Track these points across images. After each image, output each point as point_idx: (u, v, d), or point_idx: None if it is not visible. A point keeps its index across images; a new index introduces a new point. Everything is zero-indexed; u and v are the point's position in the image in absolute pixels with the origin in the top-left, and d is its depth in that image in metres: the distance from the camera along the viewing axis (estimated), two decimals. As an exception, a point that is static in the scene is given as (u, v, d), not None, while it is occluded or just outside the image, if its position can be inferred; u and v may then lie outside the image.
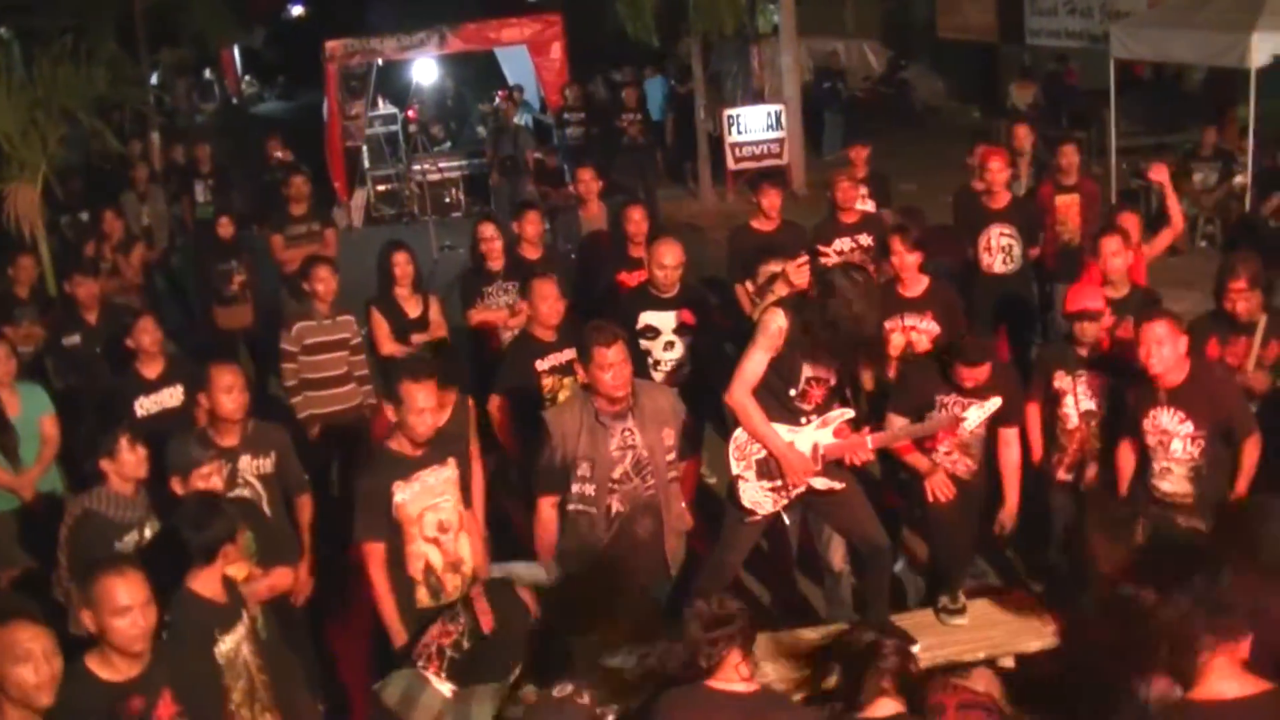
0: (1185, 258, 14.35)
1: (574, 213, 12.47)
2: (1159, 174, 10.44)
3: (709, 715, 4.85)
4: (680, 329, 9.02)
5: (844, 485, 7.28)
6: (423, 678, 5.92)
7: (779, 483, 7.15)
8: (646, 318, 9.04)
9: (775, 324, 6.94)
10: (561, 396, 8.42)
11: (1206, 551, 4.55)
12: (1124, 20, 19.38)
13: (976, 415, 7.44)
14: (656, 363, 9.01)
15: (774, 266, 8.66)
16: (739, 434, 7.14)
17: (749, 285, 9.10)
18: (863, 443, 7.22)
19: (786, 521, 7.75)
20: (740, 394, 7.00)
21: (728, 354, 8.50)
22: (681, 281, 9.15)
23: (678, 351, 9.02)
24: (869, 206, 12.38)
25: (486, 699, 5.83)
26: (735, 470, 7.19)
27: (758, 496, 7.19)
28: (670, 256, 9.03)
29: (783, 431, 7.07)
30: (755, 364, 6.98)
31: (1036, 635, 7.31)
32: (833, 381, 7.12)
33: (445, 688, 5.86)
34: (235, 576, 6.34)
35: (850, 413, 7.30)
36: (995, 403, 7.44)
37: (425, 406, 6.65)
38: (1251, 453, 7.38)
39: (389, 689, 5.93)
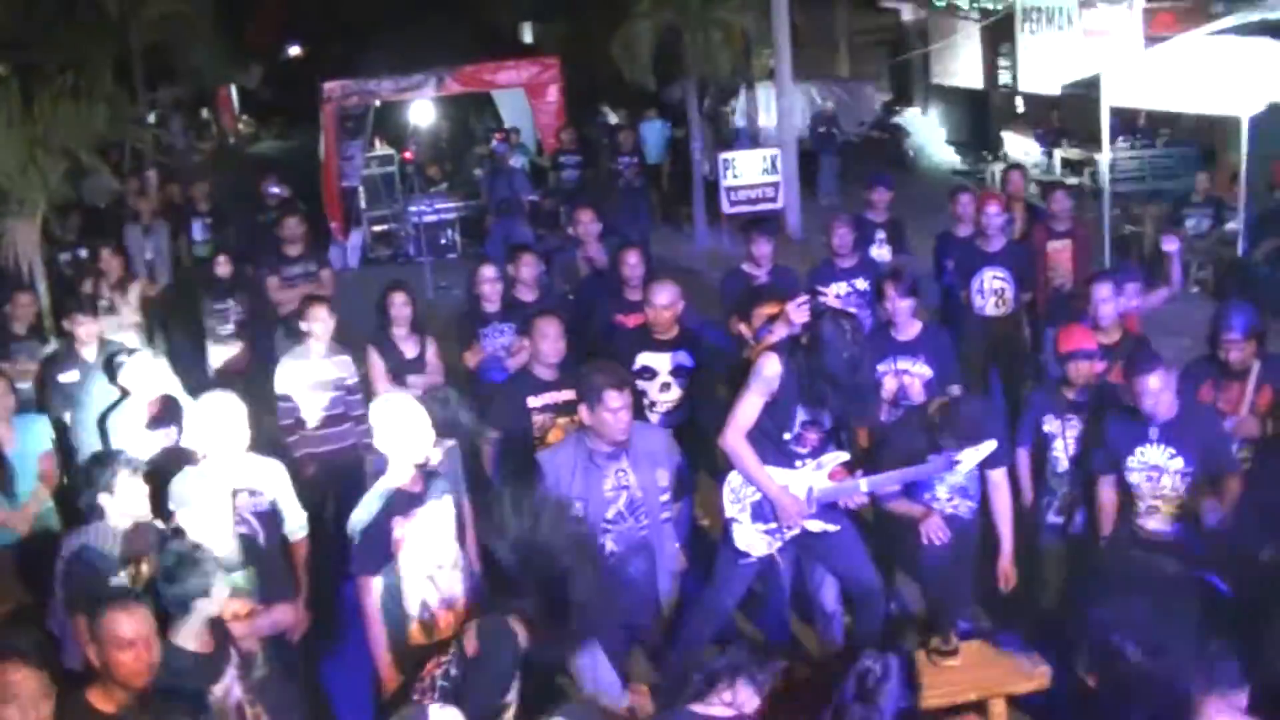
0: (1177, 304, 14.39)
1: (572, 254, 12.52)
2: (1170, 245, 10.55)
3: None
4: (676, 371, 9.07)
5: (838, 528, 7.33)
6: (423, 712, 5.92)
7: (773, 525, 7.20)
8: (644, 359, 9.09)
9: (769, 368, 7.00)
10: (551, 436, 8.46)
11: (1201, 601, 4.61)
12: (1117, 68, 19.52)
13: (971, 457, 7.47)
14: (652, 404, 9.05)
15: (770, 309, 8.72)
16: (733, 477, 7.19)
17: (744, 328, 9.15)
18: (857, 486, 7.28)
19: (780, 563, 7.79)
20: (734, 438, 7.05)
21: (721, 396, 8.55)
22: (679, 323, 9.21)
23: (674, 393, 9.07)
24: (885, 251, 12.47)
25: None
26: (729, 513, 7.24)
27: (752, 539, 7.24)
28: (663, 297, 9.08)
29: (777, 475, 7.12)
30: (749, 408, 7.04)
31: (1028, 677, 7.34)
32: (827, 425, 7.17)
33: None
34: (238, 613, 6.38)
35: (845, 455, 7.35)
36: (990, 444, 7.48)
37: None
38: (1234, 488, 7.44)
39: None
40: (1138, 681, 4.37)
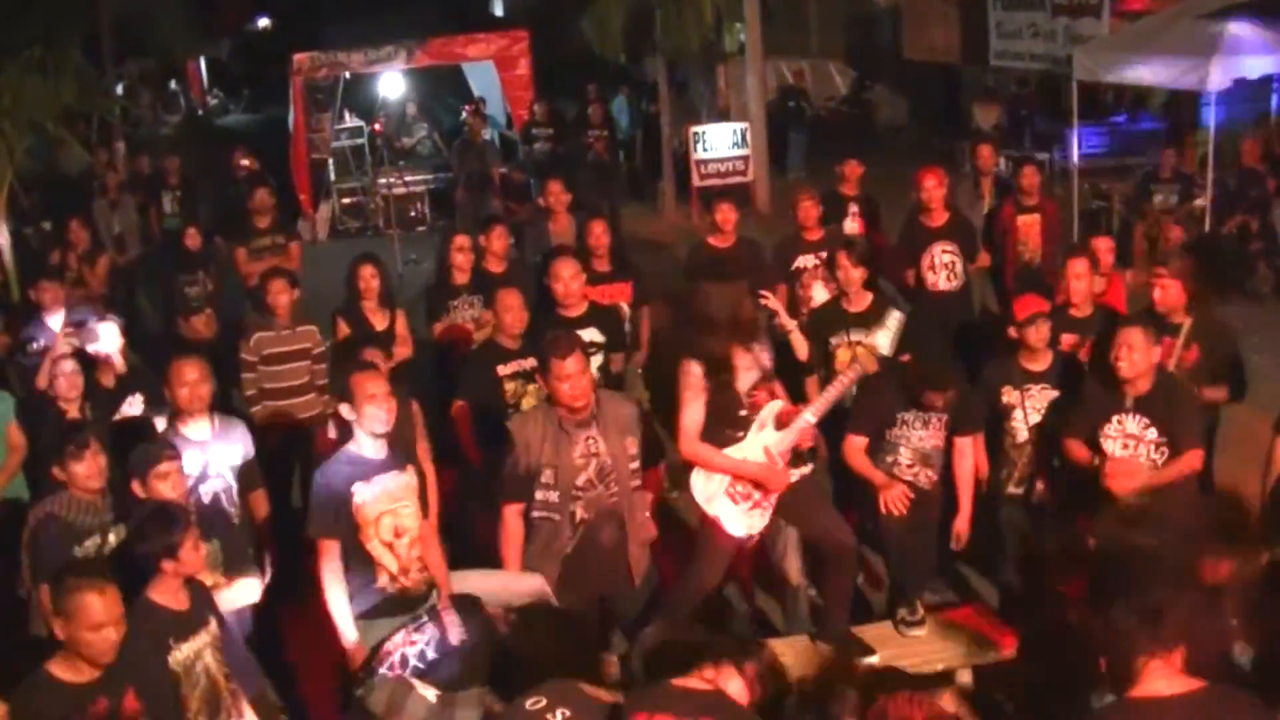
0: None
1: (543, 225, 12.52)
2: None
3: (663, 706, 4.94)
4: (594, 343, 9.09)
5: (810, 468, 7.36)
6: (407, 684, 5.95)
7: (755, 499, 7.19)
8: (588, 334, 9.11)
9: (693, 372, 7.06)
10: (525, 403, 8.50)
11: (1147, 562, 4.64)
12: (1086, 44, 19.56)
13: (885, 339, 7.45)
14: None
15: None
16: (694, 477, 7.19)
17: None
18: (805, 418, 7.27)
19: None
20: (690, 445, 7.13)
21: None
22: (587, 299, 9.41)
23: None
24: (856, 225, 12.45)
25: (470, 706, 5.87)
26: (711, 511, 7.20)
27: (746, 521, 7.22)
28: (567, 270, 9.19)
29: (735, 454, 7.13)
30: (694, 412, 7.10)
31: (992, 648, 7.39)
32: (765, 365, 7.26)
33: (430, 693, 5.89)
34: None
35: (778, 404, 7.33)
36: (896, 317, 7.53)
37: (375, 393, 6.74)
38: (1189, 462, 7.44)
39: (374, 695, 5.95)
40: (1085, 644, 4.41)
